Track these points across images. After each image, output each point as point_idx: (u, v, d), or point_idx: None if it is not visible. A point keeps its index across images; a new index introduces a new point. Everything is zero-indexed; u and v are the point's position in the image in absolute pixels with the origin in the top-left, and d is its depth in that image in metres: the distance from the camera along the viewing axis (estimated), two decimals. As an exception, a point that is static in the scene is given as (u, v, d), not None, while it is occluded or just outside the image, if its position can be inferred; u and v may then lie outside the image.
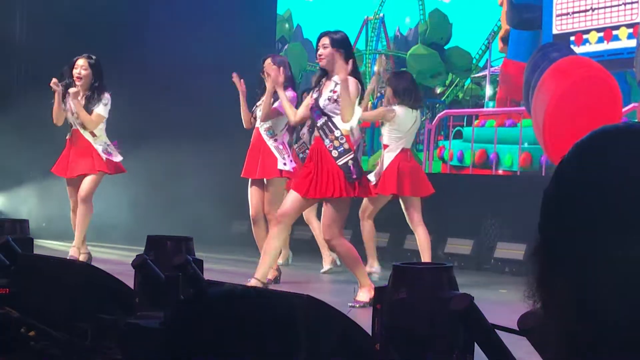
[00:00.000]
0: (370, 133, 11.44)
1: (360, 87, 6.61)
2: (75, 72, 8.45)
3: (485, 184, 10.12)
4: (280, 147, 8.01)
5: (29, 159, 11.61)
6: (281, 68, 7.34)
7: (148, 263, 3.97)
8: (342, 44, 6.73)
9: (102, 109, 8.46)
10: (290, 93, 7.67)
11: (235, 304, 1.61)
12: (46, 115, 11.10)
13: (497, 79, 10.20)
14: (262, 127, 8.02)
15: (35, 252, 5.27)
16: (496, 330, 2.94)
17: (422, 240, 8.37)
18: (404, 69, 11.21)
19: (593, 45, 9.29)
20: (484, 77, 10.37)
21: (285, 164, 7.93)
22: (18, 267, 4.70)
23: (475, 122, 10.35)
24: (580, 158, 1.07)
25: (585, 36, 9.36)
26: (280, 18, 12.54)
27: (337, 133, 6.59)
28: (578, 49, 9.41)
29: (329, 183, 6.54)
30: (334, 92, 6.60)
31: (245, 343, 1.56)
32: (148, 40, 9.69)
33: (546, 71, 9.56)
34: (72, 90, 8.34)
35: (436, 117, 10.77)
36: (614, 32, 9.15)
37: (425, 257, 8.14)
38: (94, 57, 8.53)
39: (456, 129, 10.54)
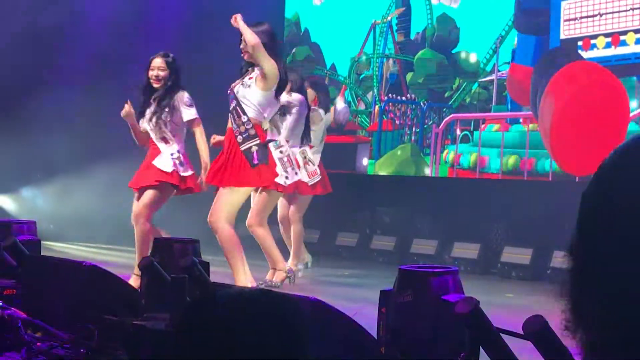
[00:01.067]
0: (377, 138, 11.45)
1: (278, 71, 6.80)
2: (152, 73, 7.35)
3: (492, 188, 10.11)
4: (285, 158, 8.04)
5: (37, 161, 11.63)
6: None
7: (154, 265, 3.99)
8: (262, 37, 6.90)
9: (188, 113, 7.27)
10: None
11: (243, 307, 1.62)
12: (52, 116, 11.16)
13: (505, 83, 10.20)
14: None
15: (42, 254, 5.30)
16: (501, 334, 2.95)
17: (299, 233, 8.69)
18: (412, 73, 11.22)
19: (601, 51, 9.29)
20: (491, 81, 10.37)
21: (287, 177, 7.98)
22: (25, 269, 4.73)
23: (483, 126, 10.35)
24: (621, 160, 1.08)
25: (593, 41, 9.35)
26: (288, 22, 12.56)
27: (244, 118, 6.69)
28: (586, 54, 9.40)
29: (234, 171, 6.68)
30: (250, 78, 6.78)
31: (252, 346, 1.57)
32: (154, 43, 9.69)
33: (554, 76, 9.55)
34: (124, 113, 7.39)
35: (443, 122, 10.77)
36: (622, 38, 9.14)
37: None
38: (171, 55, 7.49)
39: (463, 133, 10.54)
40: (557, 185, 9.59)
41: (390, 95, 11.43)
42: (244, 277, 6.73)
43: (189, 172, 7.24)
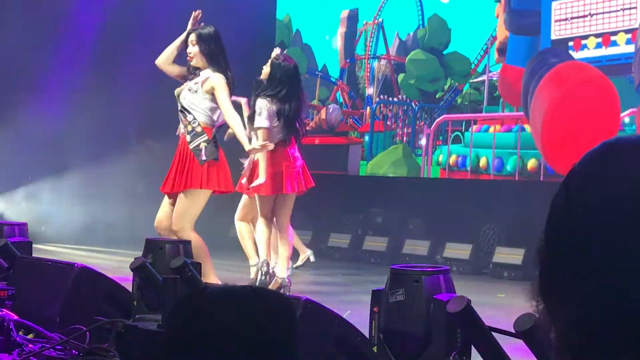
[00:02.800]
0: (369, 138, 11.45)
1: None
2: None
3: (484, 189, 10.13)
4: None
5: (28, 163, 11.61)
6: None
7: (146, 266, 3.99)
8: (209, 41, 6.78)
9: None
10: None
11: (232, 303, 1.61)
12: (44, 119, 11.15)
13: (496, 84, 10.22)
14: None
15: (33, 255, 5.29)
16: (493, 333, 2.95)
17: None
18: (403, 74, 11.22)
19: (591, 51, 9.31)
20: (483, 82, 10.38)
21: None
22: (17, 270, 4.72)
23: (474, 127, 10.37)
24: (590, 167, 1.08)
25: (583, 41, 9.37)
26: (279, 23, 12.56)
27: (189, 117, 6.64)
28: (576, 55, 9.42)
29: (185, 175, 6.55)
30: (196, 83, 6.66)
31: (243, 343, 1.56)
32: (144, 43, 9.68)
33: (545, 76, 9.57)
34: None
35: (435, 122, 10.78)
36: (612, 38, 9.16)
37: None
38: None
39: (455, 133, 10.55)
40: (548, 185, 9.60)
41: (381, 96, 11.44)
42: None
43: None
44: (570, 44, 9.46)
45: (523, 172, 9.81)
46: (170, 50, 6.89)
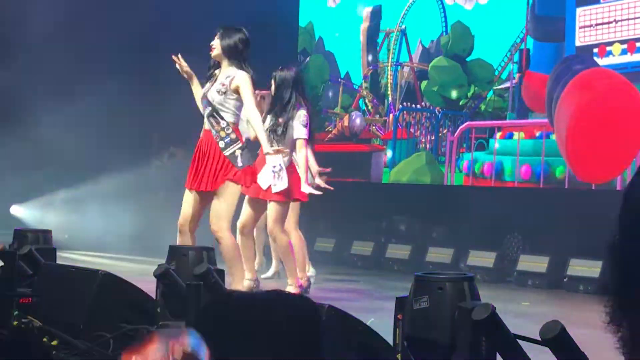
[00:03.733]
0: (392, 145, 11.43)
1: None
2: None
3: (508, 196, 10.08)
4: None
5: (52, 171, 11.67)
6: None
7: (170, 272, 3.99)
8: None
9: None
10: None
11: (258, 309, 1.60)
12: (67, 126, 11.19)
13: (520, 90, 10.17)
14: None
15: (58, 262, 5.30)
16: (518, 340, 2.93)
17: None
18: (426, 81, 11.20)
19: (616, 57, 9.25)
20: (507, 89, 10.34)
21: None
22: (41, 277, 4.73)
23: (498, 135, 10.32)
24: None
25: (608, 48, 9.32)
26: (302, 30, 12.57)
27: (222, 124, 6.57)
28: (601, 61, 9.36)
29: (215, 175, 6.49)
30: (223, 84, 6.59)
31: (268, 347, 1.55)
32: (168, 50, 9.69)
33: (569, 83, 9.52)
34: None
35: (458, 129, 10.74)
36: (638, 44, 9.10)
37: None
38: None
39: (478, 141, 10.51)
40: (573, 193, 9.55)
41: (404, 103, 11.42)
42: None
43: None
44: (595, 50, 9.40)
45: (549, 179, 9.76)
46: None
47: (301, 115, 7.40)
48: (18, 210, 12.45)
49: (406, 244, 10.82)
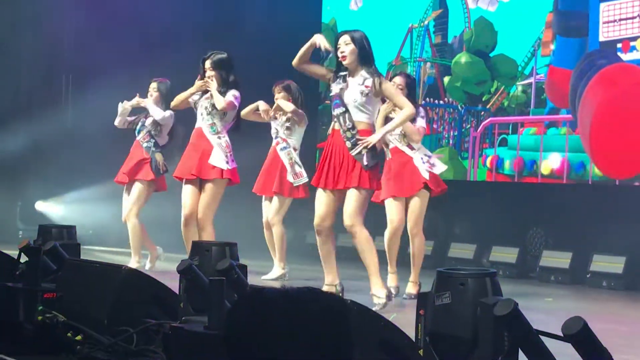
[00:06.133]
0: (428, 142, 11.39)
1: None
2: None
3: (531, 191, 10.05)
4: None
5: (77, 167, 11.73)
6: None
7: (193, 268, 4.01)
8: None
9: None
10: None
11: (290, 305, 1.62)
12: (92, 122, 11.26)
13: (543, 86, 10.13)
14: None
15: (82, 257, 5.33)
16: (540, 336, 2.93)
17: (281, 236, 8.92)
18: (449, 76, 11.18)
19: (640, 52, 9.21)
20: (530, 84, 10.30)
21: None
22: (65, 272, 4.76)
23: (521, 130, 10.30)
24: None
25: (632, 43, 9.27)
26: (325, 27, 12.57)
27: (348, 124, 6.65)
28: (625, 57, 9.32)
29: (348, 173, 6.59)
30: (367, 87, 6.66)
31: (301, 344, 1.57)
32: (192, 48, 9.74)
33: (593, 78, 9.48)
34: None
35: (481, 125, 10.72)
36: (662, 39, 9.06)
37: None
38: (217, 55, 8.02)
39: (501, 136, 10.49)
40: (597, 188, 9.51)
41: (427, 99, 11.40)
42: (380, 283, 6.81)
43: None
44: (619, 45, 9.35)
45: (569, 175, 9.72)
46: (304, 50, 6.91)
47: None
48: (43, 206, 12.53)
49: (429, 239, 10.77)
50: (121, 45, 11.87)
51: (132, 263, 8.60)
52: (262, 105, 8.72)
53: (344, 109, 6.69)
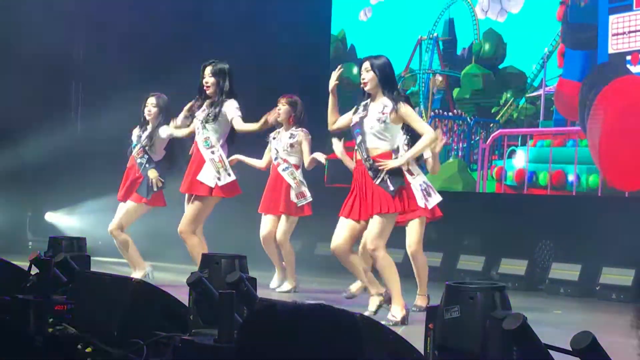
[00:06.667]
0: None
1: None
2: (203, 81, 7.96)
3: (540, 204, 10.04)
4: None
5: (86, 178, 11.76)
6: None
7: (202, 281, 4.01)
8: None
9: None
10: None
11: (302, 321, 1.63)
12: (101, 133, 11.30)
13: (552, 98, 10.14)
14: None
15: (94, 269, 5.35)
16: (550, 351, 2.93)
17: (291, 254, 8.99)
18: (458, 88, 11.19)
19: (650, 65, 9.22)
20: (539, 96, 10.31)
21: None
22: (75, 284, 4.78)
23: (530, 142, 10.30)
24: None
25: (641, 55, 9.28)
26: (334, 38, 12.60)
27: (364, 154, 6.74)
28: (634, 69, 9.32)
29: (375, 201, 6.68)
30: (383, 113, 6.72)
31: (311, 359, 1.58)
32: (202, 61, 9.76)
33: (602, 91, 9.48)
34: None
35: (490, 137, 10.72)
36: (671, 52, 9.06)
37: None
38: (219, 63, 7.99)
39: (510, 148, 10.49)
40: (606, 200, 9.50)
41: (436, 111, 11.41)
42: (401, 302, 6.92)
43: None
44: (628, 58, 9.36)
45: (578, 187, 9.72)
46: (331, 109, 7.05)
47: None
48: (53, 217, 12.57)
49: (437, 251, 10.80)
50: (132, 57, 11.92)
51: (137, 274, 8.53)
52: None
53: (362, 138, 6.73)
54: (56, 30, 12.20)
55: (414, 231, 7.74)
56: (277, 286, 8.88)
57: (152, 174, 8.76)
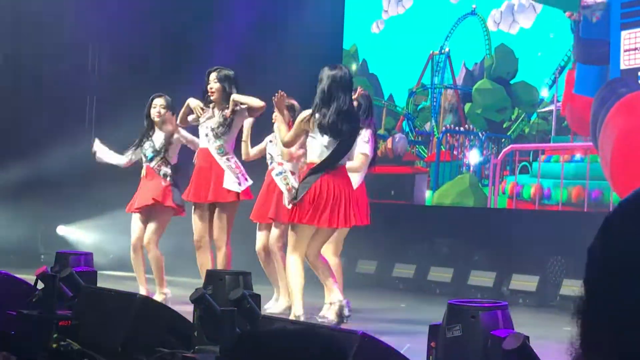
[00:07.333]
0: (435, 168, 11.40)
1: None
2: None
3: (551, 220, 10.01)
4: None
5: (99, 192, 11.78)
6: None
7: (205, 297, 4.01)
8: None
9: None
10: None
11: (287, 343, 1.62)
12: (114, 148, 11.33)
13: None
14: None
15: (102, 284, 5.36)
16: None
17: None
18: (470, 103, 11.17)
19: (661, 80, 9.18)
20: (550, 111, 10.28)
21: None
22: (81, 300, 4.78)
23: (542, 157, 10.27)
24: (625, 217, 1.06)
25: (653, 71, 9.25)
26: (346, 53, 12.61)
27: None
28: (646, 84, 9.29)
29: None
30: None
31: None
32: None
33: (614, 107, 9.45)
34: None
35: (502, 152, 10.70)
36: (683, 67, 9.03)
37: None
38: (224, 69, 8.00)
39: (522, 164, 10.46)
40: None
41: (448, 125, 11.40)
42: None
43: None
44: (640, 73, 9.33)
45: (593, 202, 9.68)
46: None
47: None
48: (64, 231, 12.60)
49: (448, 267, 10.78)
50: (146, 71, 11.97)
51: (157, 296, 8.16)
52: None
53: None
54: (71, 44, 12.26)
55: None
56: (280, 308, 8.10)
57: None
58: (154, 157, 8.57)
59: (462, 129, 11.28)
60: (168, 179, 8.40)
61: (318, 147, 6.79)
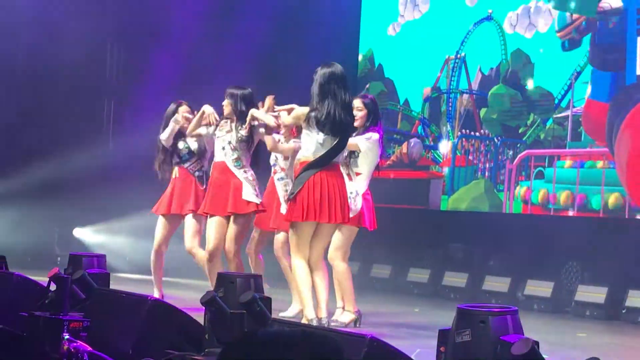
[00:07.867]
0: (450, 173, 11.38)
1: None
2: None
3: (566, 225, 9.97)
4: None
5: (115, 194, 11.82)
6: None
7: (216, 300, 4.02)
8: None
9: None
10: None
11: (282, 347, 1.62)
12: (132, 150, 11.37)
13: (580, 119, 10.08)
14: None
15: (118, 286, 5.38)
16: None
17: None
18: (485, 108, 11.15)
19: (678, 86, 9.14)
20: (566, 117, 10.25)
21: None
22: (93, 301, 4.80)
23: (558, 164, 10.23)
24: None
25: (670, 77, 9.21)
26: (362, 57, 12.61)
27: None
28: (663, 90, 9.25)
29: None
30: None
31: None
32: (233, 82, 9.80)
33: (630, 112, 9.42)
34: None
35: (517, 157, 10.67)
36: (700, 73, 8.99)
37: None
38: (236, 90, 7.94)
39: (537, 169, 10.43)
40: (632, 222, 9.42)
41: (463, 130, 11.38)
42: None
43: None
44: (656, 79, 9.29)
45: (606, 209, 9.64)
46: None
47: None
48: (80, 233, 12.65)
49: (463, 272, 10.75)
50: (163, 74, 11.99)
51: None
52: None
53: None
54: (89, 48, 12.31)
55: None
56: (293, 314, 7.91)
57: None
58: (189, 159, 8.50)
59: (477, 134, 11.25)
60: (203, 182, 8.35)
61: (313, 144, 6.78)
